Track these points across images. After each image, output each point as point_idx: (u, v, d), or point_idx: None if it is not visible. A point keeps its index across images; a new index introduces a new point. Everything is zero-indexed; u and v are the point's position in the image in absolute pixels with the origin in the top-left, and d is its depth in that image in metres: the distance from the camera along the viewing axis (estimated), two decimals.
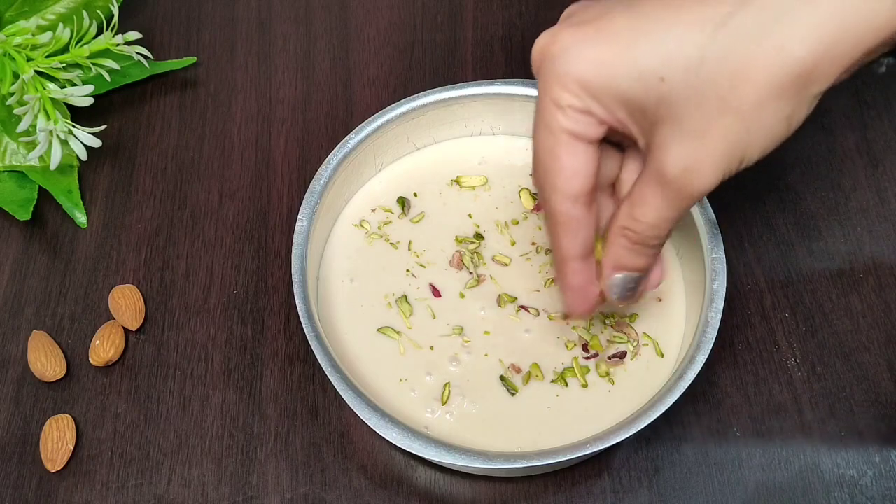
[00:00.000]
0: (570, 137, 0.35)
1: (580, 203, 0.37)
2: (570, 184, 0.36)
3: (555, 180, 0.36)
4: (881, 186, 0.54)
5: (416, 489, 0.45)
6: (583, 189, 0.36)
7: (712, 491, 0.45)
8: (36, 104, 0.50)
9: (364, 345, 0.46)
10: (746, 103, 0.32)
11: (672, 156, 0.34)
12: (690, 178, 0.34)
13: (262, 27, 0.61)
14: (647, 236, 0.37)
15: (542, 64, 0.35)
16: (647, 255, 0.38)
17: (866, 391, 0.47)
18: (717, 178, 0.34)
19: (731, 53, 0.32)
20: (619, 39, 0.34)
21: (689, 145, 0.33)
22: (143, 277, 0.51)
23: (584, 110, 0.35)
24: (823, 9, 0.31)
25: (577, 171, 0.36)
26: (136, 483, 0.45)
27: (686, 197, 0.35)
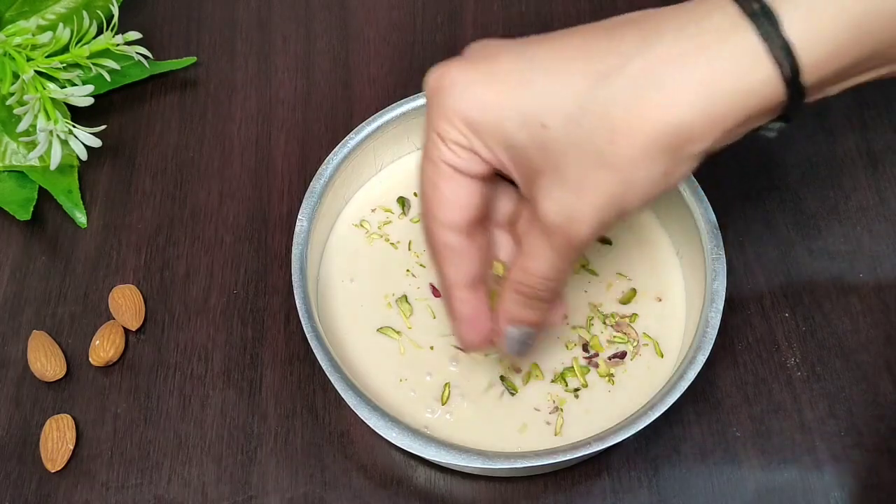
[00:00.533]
0: (452, 171, 0.36)
1: (461, 233, 0.37)
2: (448, 215, 0.37)
3: (435, 211, 0.37)
4: (881, 186, 0.54)
5: (416, 489, 0.45)
6: (461, 221, 0.37)
7: (712, 491, 0.45)
8: (36, 104, 0.50)
9: (364, 345, 0.46)
10: (623, 159, 0.32)
11: (553, 205, 0.34)
12: (571, 225, 0.34)
13: (262, 27, 0.61)
14: (540, 289, 0.37)
15: (432, 97, 0.36)
16: (541, 309, 0.38)
17: (866, 391, 0.47)
18: (597, 227, 0.34)
19: (610, 108, 0.32)
20: (507, 81, 0.34)
21: (569, 195, 0.33)
22: (143, 277, 0.51)
23: (468, 147, 0.35)
24: (699, 73, 0.31)
25: (457, 203, 0.37)
26: (136, 483, 0.45)
27: (571, 246, 0.35)
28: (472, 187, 0.37)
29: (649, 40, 0.32)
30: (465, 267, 0.38)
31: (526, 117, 0.34)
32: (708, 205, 0.45)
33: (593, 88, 0.32)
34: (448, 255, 0.38)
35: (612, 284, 0.47)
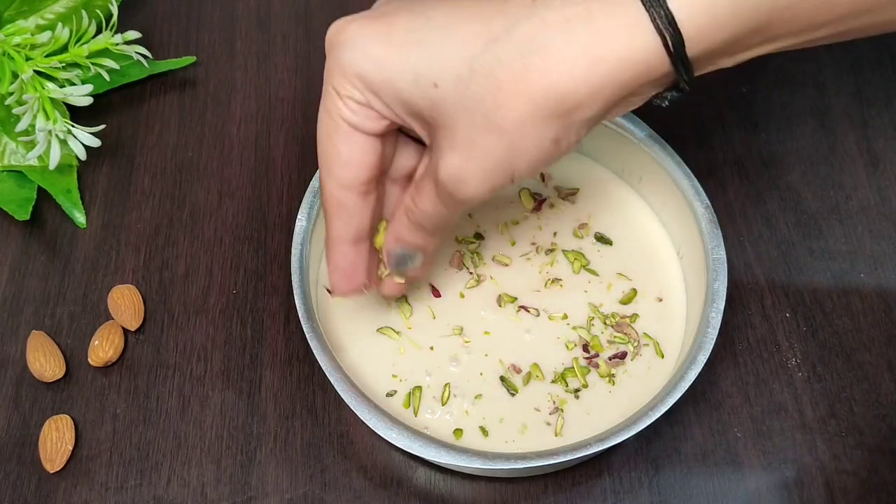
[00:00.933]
0: (348, 127, 0.36)
1: (354, 192, 0.37)
2: (343, 172, 0.37)
3: (330, 166, 0.37)
4: (882, 185, 0.54)
5: (416, 489, 0.45)
6: (357, 178, 0.37)
7: (712, 491, 0.45)
8: (35, 104, 0.50)
9: (364, 345, 0.46)
10: (508, 122, 0.33)
11: (443, 162, 0.34)
12: (459, 185, 0.35)
13: (261, 27, 0.61)
14: (424, 222, 0.38)
15: (329, 50, 0.36)
16: (424, 236, 0.39)
17: (867, 391, 0.47)
18: (485, 189, 0.35)
19: (497, 70, 0.32)
20: (402, 39, 0.34)
21: (458, 155, 0.34)
22: (143, 277, 0.51)
23: (364, 104, 0.36)
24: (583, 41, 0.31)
25: (352, 160, 0.37)
26: (136, 483, 0.45)
27: (456, 202, 0.36)
28: (367, 145, 0.37)
29: (538, 4, 0.32)
30: (353, 223, 0.39)
31: (418, 76, 0.34)
32: (708, 204, 0.45)
33: (482, 50, 0.33)
34: (339, 210, 0.38)
35: (612, 285, 0.47)
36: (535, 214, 0.50)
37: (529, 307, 0.47)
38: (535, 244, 0.49)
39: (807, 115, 0.56)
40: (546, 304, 0.47)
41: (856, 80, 0.58)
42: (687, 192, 0.46)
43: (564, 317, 0.46)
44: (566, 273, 0.48)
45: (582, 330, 0.46)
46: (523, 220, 0.49)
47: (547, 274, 0.48)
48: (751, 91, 0.57)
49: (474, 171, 0.34)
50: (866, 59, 0.59)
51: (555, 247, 0.48)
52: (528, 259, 0.48)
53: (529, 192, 0.50)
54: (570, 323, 0.46)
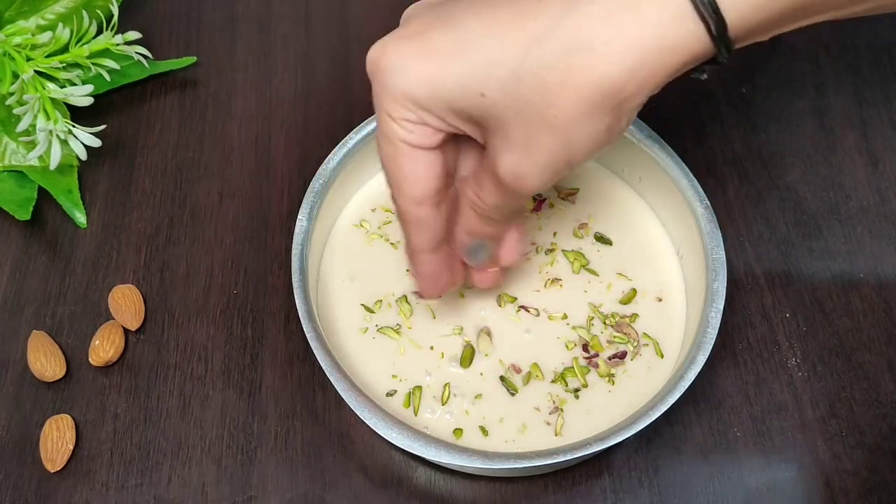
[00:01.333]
0: (409, 147, 0.37)
1: (426, 205, 0.38)
2: (413, 189, 0.38)
3: (400, 185, 0.38)
4: (881, 185, 0.54)
5: (416, 489, 0.45)
6: (426, 193, 0.38)
7: (712, 491, 0.45)
8: (35, 104, 0.50)
9: (364, 345, 0.46)
10: (561, 120, 0.33)
11: (502, 162, 0.35)
12: (519, 181, 0.36)
13: (262, 27, 0.61)
14: (491, 214, 0.39)
15: (374, 77, 0.37)
16: (492, 226, 0.40)
17: (867, 391, 0.47)
18: (546, 180, 0.36)
19: (543, 73, 0.33)
20: (442, 54, 0.35)
21: (516, 154, 0.35)
22: (143, 277, 0.51)
23: (419, 122, 0.36)
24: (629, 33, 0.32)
25: (419, 177, 0.37)
26: (136, 483, 0.45)
27: (519, 195, 0.37)
28: (430, 159, 0.37)
29: (577, 1, 0.32)
30: (430, 234, 0.40)
31: (464, 87, 0.34)
32: (708, 204, 0.45)
33: (525, 54, 0.33)
34: (416, 225, 0.39)
35: (612, 284, 0.47)
36: (535, 214, 0.50)
37: (529, 307, 0.47)
38: (535, 244, 0.49)
39: (806, 115, 0.57)
40: (546, 304, 0.47)
41: (855, 80, 0.58)
42: (687, 192, 0.46)
43: (564, 317, 0.46)
44: (566, 273, 0.48)
45: (582, 330, 0.46)
46: None
47: (547, 274, 0.48)
48: (750, 91, 0.57)
49: (532, 167, 0.35)
50: (865, 60, 0.59)
51: (555, 247, 0.48)
52: (528, 259, 0.48)
53: None
54: (569, 323, 0.46)
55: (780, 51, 0.59)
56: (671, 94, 0.57)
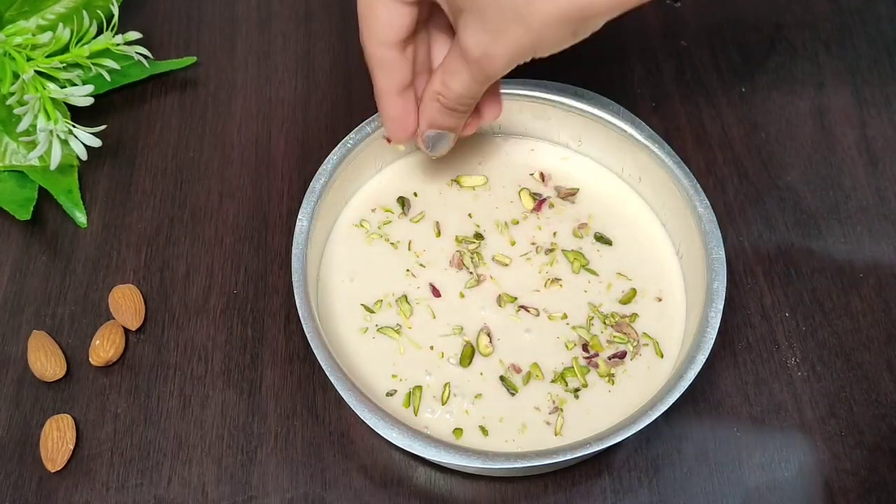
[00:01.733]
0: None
1: (393, 49, 0.42)
2: (383, 31, 0.41)
3: (370, 27, 0.41)
4: (881, 185, 0.54)
5: (416, 489, 0.45)
6: (395, 37, 0.41)
7: (712, 491, 0.45)
8: (36, 104, 0.50)
9: (364, 345, 0.46)
10: (535, 21, 0.36)
11: (472, 41, 0.38)
12: (488, 62, 0.39)
13: (262, 27, 0.61)
14: (456, 102, 0.42)
15: None
16: (456, 118, 0.44)
17: (866, 390, 0.47)
18: (510, 66, 0.39)
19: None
20: None
21: (487, 37, 0.38)
22: (143, 277, 0.51)
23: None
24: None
25: (390, 23, 0.41)
26: (136, 483, 0.45)
27: (486, 76, 0.40)
28: (404, 10, 0.41)
29: None
30: (396, 76, 0.43)
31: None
32: (708, 205, 0.45)
33: None
34: (382, 66, 0.42)
35: (612, 284, 0.47)
36: (535, 214, 0.50)
37: (529, 307, 0.47)
38: (535, 244, 0.49)
39: (806, 115, 0.57)
40: (546, 304, 0.47)
41: (854, 80, 0.58)
42: (687, 192, 0.46)
43: (564, 316, 0.46)
44: (566, 273, 0.48)
45: (581, 330, 0.46)
46: (523, 220, 0.49)
47: (547, 274, 0.48)
48: (750, 91, 0.57)
49: (502, 52, 0.38)
50: (865, 60, 0.59)
51: (555, 247, 0.48)
52: (528, 259, 0.48)
53: (529, 192, 0.50)
54: (569, 323, 0.46)
55: (780, 50, 0.59)
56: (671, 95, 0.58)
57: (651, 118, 0.48)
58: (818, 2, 0.62)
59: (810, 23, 0.60)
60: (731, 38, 0.60)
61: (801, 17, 0.61)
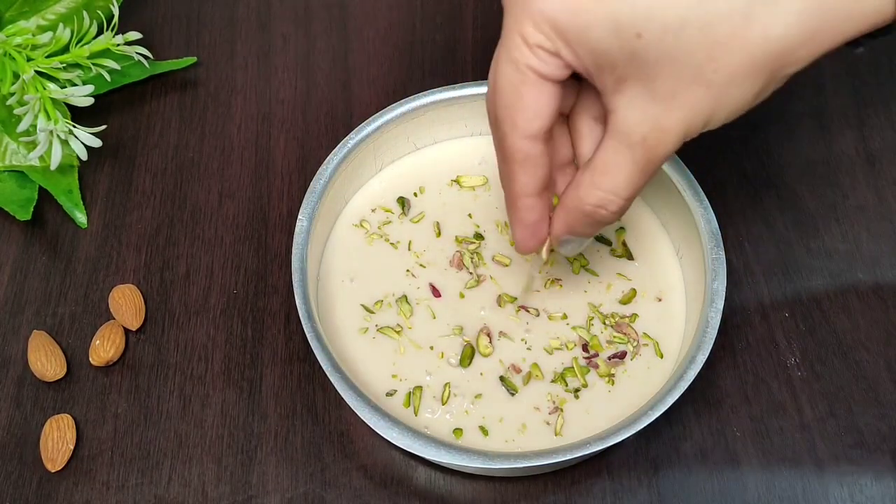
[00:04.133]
0: (536, 76, 0.34)
1: (539, 142, 0.36)
2: (531, 123, 0.35)
3: (515, 118, 0.35)
4: (879, 185, 0.54)
5: (416, 489, 0.45)
6: (543, 128, 0.36)
7: (712, 491, 0.45)
8: (36, 104, 0.50)
9: (364, 345, 0.46)
10: (721, 77, 0.32)
11: (639, 115, 0.33)
12: (656, 137, 0.33)
13: (262, 27, 0.61)
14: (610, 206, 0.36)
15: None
16: (600, 227, 0.38)
17: (865, 390, 0.47)
18: (680, 141, 0.34)
19: (714, 24, 0.31)
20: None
21: (657, 107, 0.33)
22: (144, 277, 0.51)
23: (554, 52, 0.34)
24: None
25: (540, 110, 0.35)
26: (137, 483, 0.45)
27: (653, 160, 0.34)
28: (553, 93, 0.35)
29: None
30: (539, 174, 0.37)
31: (619, 24, 0.32)
32: (708, 205, 0.45)
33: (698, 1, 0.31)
34: (525, 163, 0.37)
35: (612, 285, 0.47)
36: None
37: (529, 307, 0.47)
38: None
39: (805, 116, 0.57)
40: (546, 304, 0.47)
41: (853, 80, 0.58)
42: (686, 193, 0.46)
43: (564, 317, 0.46)
44: (566, 273, 0.48)
45: (581, 330, 0.46)
46: None
47: (547, 274, 0.48)
48: None
49: (673, 121, 0.33)
50: (864, 61, 0.59)
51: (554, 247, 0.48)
52: (528, 259, 0.48)
53: None
54: (569, 323, 0.46)
55: None
56: None
57: None
58: None
59: None
60: None
61: None
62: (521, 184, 0.37)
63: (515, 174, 0.37)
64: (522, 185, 0.37)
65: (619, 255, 0.48)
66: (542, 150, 0.36)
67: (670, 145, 0.34)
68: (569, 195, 0.37)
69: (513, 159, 0.37)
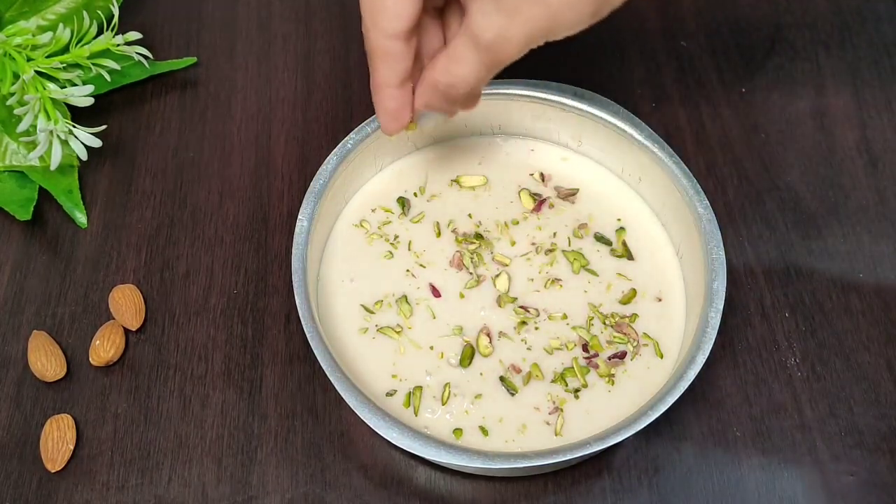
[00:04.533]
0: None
1: (399, 39, 0.39)
2: (391, 24, 0.39)
3: (376, 18, 0.39)
4: (880, 186, 0.54)
5: (416, 489, 0.45)
6: (403, 28, 0.39)
7: (712, 491, 0.45)
8: (36, 104, 0.50)
9: (364, 345, 0.46)
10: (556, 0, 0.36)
11: (486, 23, 0.37)
12: (501, 46, 0.37)
13: (262, 27, 0.61)
14: (460, 90, 0.40)
15: None
16: (454, 103, 0.42)
17: (866, 390, 0.47)
18: (523, 50, 0.38)
19: None
20: None
21: (503, 18, 0.36)
22: (144, 277, 0.51)
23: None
24: None
25: (399, 13, 0.38)
26: (137, 483, 0.45)
27: (497, 62, 0.38)
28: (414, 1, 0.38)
29: None
30: (399, 69, 0.41)
31: None
32: (708, 205, 0.45)
33: None
34: (385, 58, 0.40)
35: (612, 285, 0.47)
36: (535, 214, 0.50)
37: (529, 307, 0.47)
38: (535, 244, 0.49)
39: (806, 116, 0.57)
40: (546, 304, 0.47)
41: (854, 80, 0.58)
42: (686, 193, 0.46)
43: (564, 317, 0.46)
44: (566, 273, 0.48)
45: (582, 330, 0.46)
46: (523, 220, 0.49)
47: (547, 274, 0.48)
48: (750, 91, 0.57)
49: (517, 34, 0.37)
50: (865, 60, 0.59)
51: (554, 247, 0.48)
52: (528, 259, 0.48)
53: (529, 192, 0.50)
54: (569, 323, 0.46)
55: (780, 51, 0.59)
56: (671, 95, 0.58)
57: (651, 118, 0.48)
58: (818, 2, 0.62)
59: (810, 23, 0.60)
60: (731, 38, 0.60)
61: (800, 17, 0.61)
62: (382, 75, 0.41)
63: (377, 67, 0.41)
64: (384, 77, 0.41)
65: (619, 255, 0.48)
66: (403, 47, 0.40)
67: (514, 52, 0.38)
68: (426, 73, 0.41)
69: (375, 55, 0.41)
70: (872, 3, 0.61)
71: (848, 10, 0.61)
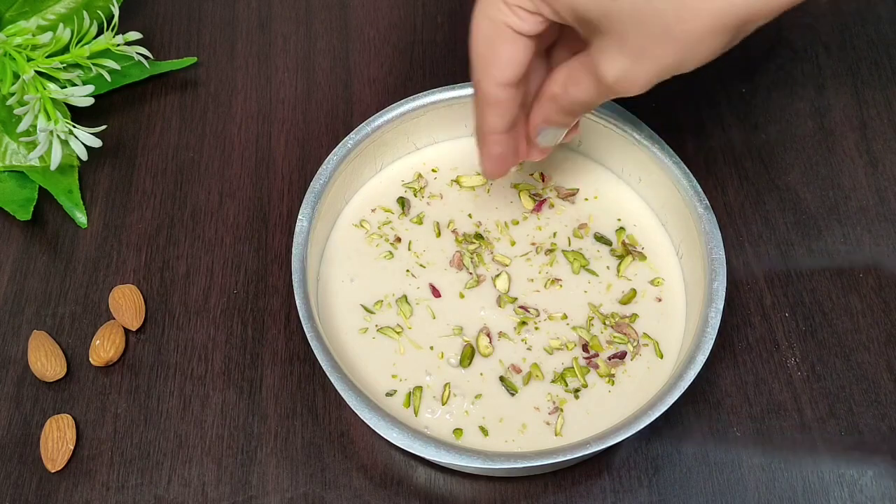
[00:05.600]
0: (512, 33, 0.37)
1: (510, 87, 0.39)
2: (503, 73, 0.38)
3: (488, 68, 0.38)
4: (881, 186, 0.54)
5: (416, 489, 0.45)
6: (515, 77, 0.39)
7: (712, 491, 0.45)
8: (36, 104, 0.50)
9: (364, 345, 0.46)
10: (688, 35, 0.34)
11: (609, 65, 0.36)
12: (624, 86, 0.36)
13: (262, 27, 0.61)
14: (574, 109, 0.40)
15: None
16: (573, 117, 0.41)
17: (866, 391, 0.47)
18: (647, 87, 0.37)
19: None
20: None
21: (627, 61, 0.35)
22: (144, 277, 0.51)
23: (534, 11, 0.37)
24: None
25: (513, 61, 0.38)
26: (136, 483, 0.45)
27: (617, 94, 0.37)
28: (527, 45, 0.38)
29: None
30: (508, 116, 0.40)
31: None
32: (708, 205, 0.45)
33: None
34: (496, 107, 0.40)
35: (612, 285, 0.47)
36: (535, 214, 0.50)
37: (529, 307, 0.47)
38: (535, 244, 0.49)
39: (806, 116, 0.57)
40: (546, 304, 0.47)
41: (854, 81, 0.58)
42: (686, 193, 0.46)
43: (564, 317, 0.46)
44: (566, 273, 0.48)
45: (582, 330, 0.46)
46: (523, 221, 0.50)
47: (547, 274, 0.48)
48: (750, 91, 0.57)
49: (643, 74, 0.36)
50: (865, 61, 0.59)
51: (554, 247, 0.48)
52: (528, 259, 0.48)
53: (529, 192, 0.50)
54: (569, 323, 0.46)
55: (780, 51, 0.59)
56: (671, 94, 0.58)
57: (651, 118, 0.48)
58: (818, 3, 0.62)
59: (810, 24, 0.60)
60: None
61: (800, 18, 0.61)
62: (490, 123, 0.41)
63: (485, 115, 0.41)
64: (491, 124, 0.41)
65: (619, 255, 0.48)
66: (513, 94, 0.39)
67: (637, 91, 0.37)
68: (545, 88, 0.40)
69: (485, 102, 0.40)
70: (872, 3, 0.61)
71: (848, 10, 0.61)
